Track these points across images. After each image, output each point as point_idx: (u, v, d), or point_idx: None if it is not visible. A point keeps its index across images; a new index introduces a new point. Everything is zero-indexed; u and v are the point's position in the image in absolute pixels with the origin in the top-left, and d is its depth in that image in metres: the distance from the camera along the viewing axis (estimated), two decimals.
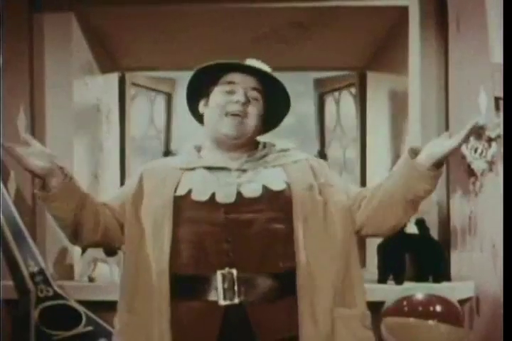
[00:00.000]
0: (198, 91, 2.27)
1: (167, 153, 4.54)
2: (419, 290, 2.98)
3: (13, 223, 3.14)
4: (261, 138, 2.32)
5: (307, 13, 3.51)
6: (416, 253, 3.32)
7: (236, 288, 2.04)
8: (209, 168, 2.20)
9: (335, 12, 3.49)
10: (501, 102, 3.11)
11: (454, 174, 3.33)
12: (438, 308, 2.89)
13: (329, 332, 2.06)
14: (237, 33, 3.61)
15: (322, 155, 4.48)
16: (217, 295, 2.05)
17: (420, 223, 3.28)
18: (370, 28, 3.62)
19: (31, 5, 3.45)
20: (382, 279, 3.27)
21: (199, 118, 2.31)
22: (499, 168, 3.16)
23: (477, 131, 3.15)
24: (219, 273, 2.05)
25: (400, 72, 3.60)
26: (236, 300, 2.05)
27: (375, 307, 2.28)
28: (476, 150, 3.20)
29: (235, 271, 2.05)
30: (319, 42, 3.73)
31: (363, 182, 4.12)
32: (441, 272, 3.29)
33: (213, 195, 2.12)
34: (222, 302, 2.05)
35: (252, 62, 2.23)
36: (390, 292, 3.04)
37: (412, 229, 3.26)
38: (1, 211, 3.11)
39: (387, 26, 3.62)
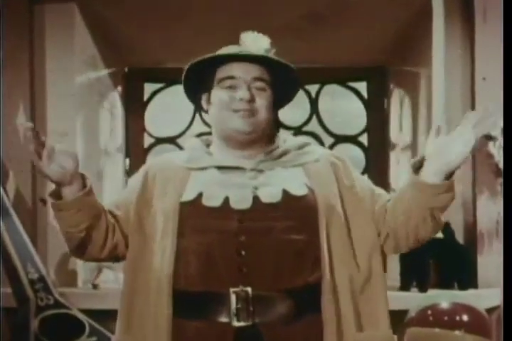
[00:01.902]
0: (196, 85, 2.06)
1: None
2: (443, 298, 2.90)
3: (11, 226, 3.07)
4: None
5: (324, 3, 3.45)
6: (440, 258, 3.28)
7: (251, 308, 1.86)
8: (220, 168, 2.01)
9: (353, 2, 3.44)
10: None
11: (481, 174, 3.30)
12: (464, 318, 2.81)
13: None
14: (248, 24, 3.48)
15: None
16: (230, 316, 1.87)
17: (445, 226, 3.14)
18: (390, 19, 3.55)
19: None
20: (405, 286, 3.23)
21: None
22: None
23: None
24: (232, 292, 1.86)
25: (423, 65, 3.54)
26: (250, 321, 1.87)
27: (398, 316, 2.19)
28: None
29: (249, 289, 1.86)
30: (336, 34, 3.66)
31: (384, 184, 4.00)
32: (467, 278, 3.26)
33: (227, 200, 1.93)
34: (236, 324, 1.87)
35: (249, 41, 2.02)
36: (413, 300, 2.97)
37: None
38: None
39: (409, 17, 3.54)
